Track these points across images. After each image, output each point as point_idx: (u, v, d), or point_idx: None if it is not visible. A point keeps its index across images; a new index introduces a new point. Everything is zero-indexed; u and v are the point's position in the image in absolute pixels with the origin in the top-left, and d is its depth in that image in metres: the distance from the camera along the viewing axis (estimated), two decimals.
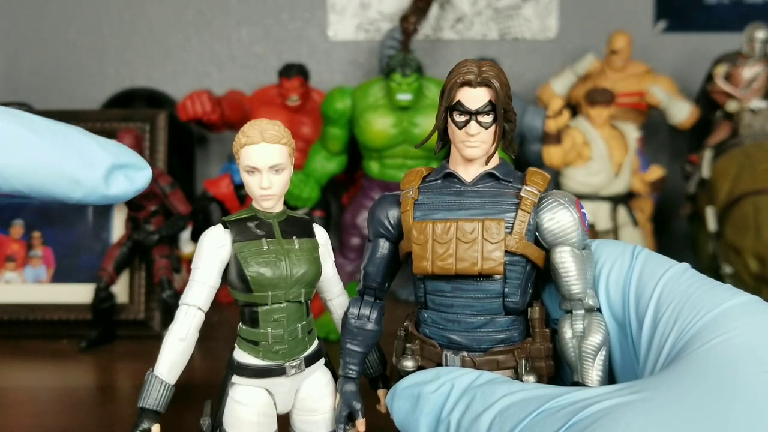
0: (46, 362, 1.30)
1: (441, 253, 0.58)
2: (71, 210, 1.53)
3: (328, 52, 2.04)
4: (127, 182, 0.40)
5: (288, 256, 0.64)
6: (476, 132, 0.59)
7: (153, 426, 0.60)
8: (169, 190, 1.39)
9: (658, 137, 2.03)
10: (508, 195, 0.60)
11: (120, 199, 0.40)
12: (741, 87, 1.64)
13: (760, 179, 1.47)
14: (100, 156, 0.39)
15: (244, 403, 0.64)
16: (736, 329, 0.48)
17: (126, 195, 0.40)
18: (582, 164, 1.59)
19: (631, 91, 1.80)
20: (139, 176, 0.41)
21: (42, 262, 1.51)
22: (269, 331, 0.64)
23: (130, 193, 0.40)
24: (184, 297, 0.63)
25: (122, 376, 1.25)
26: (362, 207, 1.57)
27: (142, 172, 0.41)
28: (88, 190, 0.38)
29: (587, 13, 2.03)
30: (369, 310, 0.66)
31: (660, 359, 0.52)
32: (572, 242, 0.59)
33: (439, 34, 2.03)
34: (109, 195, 0.39)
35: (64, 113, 1.57)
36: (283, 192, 0.66)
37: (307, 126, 1.73)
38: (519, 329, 0.61)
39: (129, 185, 0.40)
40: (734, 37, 1.79)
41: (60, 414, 1.02)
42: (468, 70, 0.59)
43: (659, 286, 0.55)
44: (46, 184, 0.38)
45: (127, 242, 1.41)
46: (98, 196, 0.39)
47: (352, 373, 0.66)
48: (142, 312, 1.45)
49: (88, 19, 2.03)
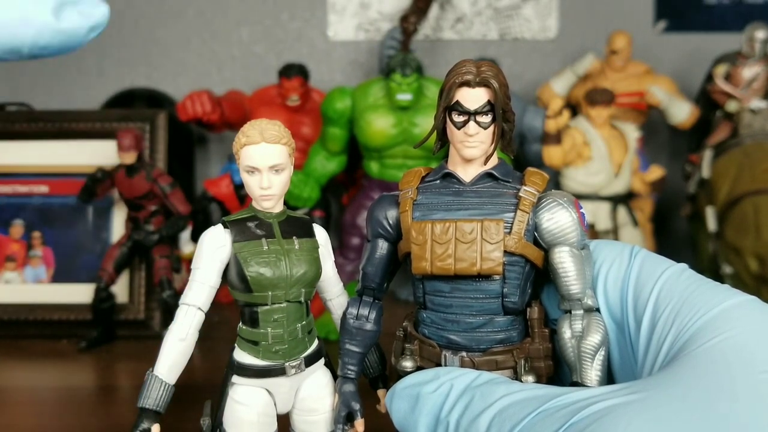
0: (46, 362, 1.30)
1: (440, 253, 0.59)
2: (71, 210, 1.53)
3: (328, 52, 2.04)
4: (79, 17, 0.37)
5: (288, 256, 0.64)
6: (475, 132, 0.59)
7: (153, 426, 0.60)
8: (169, 190, 1.39)
9: (658, 137, 2.03)
10: (507, 195, 0.60)
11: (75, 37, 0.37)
12: (741, 87, 1.64)
13: (760, 179, 1.47)
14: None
15: (244, 403, 0.64)
16: (734, 329, 0.48)
17: (80, 30, 0.37)
18: (582, 164, 1.59)
19: (631, 91, 1.80)
20: (94, 11, 0.38)
21: (42, 262, 1.51)
22: (269, 331, 0.64)
23: (84, 27, 0.37)
24: (184, 297, 0.63)
25: (122, 376, 1.25)
26: (362, 207, 1.57)
27: (98, 8, 0.38)
28: (38, 27, 0.35)
29: (587, 13, 2.03)
30: (368, 311, 0.66)
31: (658, 359, 0.52)
32: (571, 242, 0.59)
33: (439, 34, 2.03)
34: (61, 28, 0.36)
35: (64, 113, 1.57)
36: (283, 192, 0.66)
37: (307, 126, 1.73)
38: (518, 329, 0.61)
39: (83, 19, 0.37)
40: (734, 37, 1.79)
41: (60, 414, 1.03)
42: (467, 70, 0.59)
43: (657, 286, 0.55)
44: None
45: (127, 242, 1.41)
46: (50, 34, 0.36)
47: (350, 374, 0.66)
48: (142, 312, 1.45)
49: None
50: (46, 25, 0.35)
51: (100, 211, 1.54)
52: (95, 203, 1.50)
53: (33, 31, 0.35)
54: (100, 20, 0.38)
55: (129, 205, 1.42)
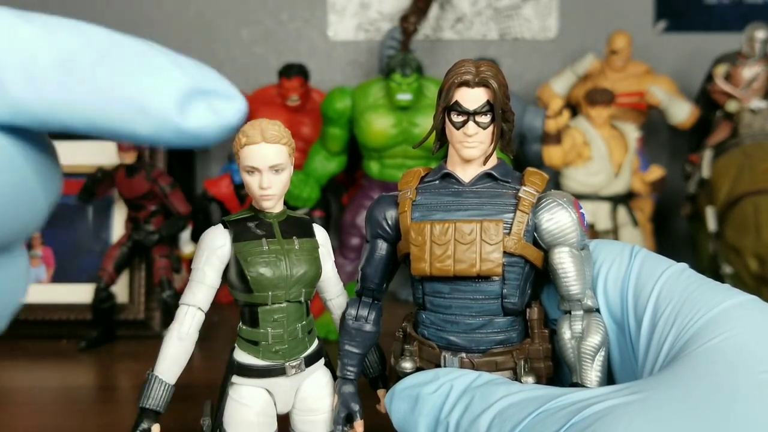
0: (46, 362, 1.30)
1: (439, 254, 0.58)
2: (71, 210, 1.53)
3: (328, 52, 2.04)
4: (209, 113, 0.29)
5: (288, 256, 0.64)
6: (474, 132, 0.59)
7: (153, 426, 0.60)
8: (169, 190, 1.39)
9: (658, 137, 2.03)
10: (507, 195, 0.60)
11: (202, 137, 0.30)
12: (741, 87, 1.64)
13: (760, 179, 1.47)
14: (172, 76, 0.29)
15: (244, 403, 0.64)
16: (734, 329, 0.48)
17: (209, 130, 0.30)
18: (582, 164, 1.59)
19: (631, 91, 1.80)
20: (227, 107, 0.30)
21: (42, 262, 1.51)
22: (269, 331, 0.64)
23: (214, 128, 0.30)
24: (184, 297, 0.63)
25: (122, 376, 1.25)
26: (362, 207, 1.57)
27: (231, 103, 0.30)
28: (157, 122, 0.28)
29: (587, 13, 2.03)
30: (367, 311, 0.66)
31: (659, 359, 0.52)
32: (571, 243, 0.59)
33: (439, 34, 2.03)
34: (187, 128, 0.29)
35: None
36: (283, 192, 0.66)
37: (307, 126, 1.73)
38: (518, 330, 0.61)
39: (213, 118, 0.29)
40: (734, 37, 1.79)
41: (60, 414, 1.03)
42: (466, 70, 0.59)
43: (657, 286, 0.55)
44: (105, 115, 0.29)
45: (127, 242, 1.41)
46: (172, 130, 0.29)
47: (350, 375, 0.66)
48: (142, 312, 1.45)
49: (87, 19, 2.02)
50: (167, 123, 0.28)
51: (100, 211, 1.54)
52: (95, 203, 1.50)
53: (150, 126, 0.28)
54: (231, 121, 0.30)
55: (129, 205, 1.42)
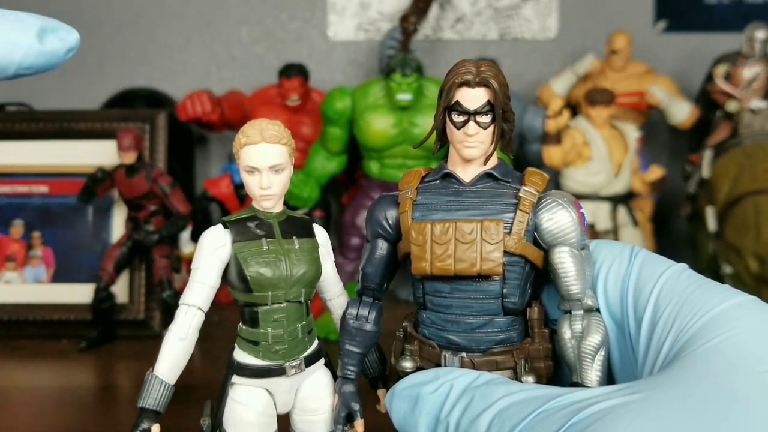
0: (46, 362, 1.30)
1: (440, 253, 0.58)
2: (71, 210, 1.53)
3: (328, 52, 2.04)
4: (59, 41, 0.46)
5: (288, 256, 0.64)
6: (475, 132, 0.59)
7: (153, 426, 0.60)
8: (169, 190, 1.39)
9: (658, 137, 2.03)
10: (507, 195, 0.60)
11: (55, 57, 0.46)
12: (741, 87, 1.64)
13: (760, 179, 1.47)
14: (29, 20, 0.46)
15: (244, 403, 0.64)
16: (734, 329, 0.48)
17: (60, 51, 0.46)
18: (582, 164, 1.59)
19: (631, 91, 1.80)
20: (70, 36, 0.47)
21: (42, 262, 1.51)
22: (269, 331, 0.64)
23: (62, 50, 0.47)
24: (184, 297, 0.63)
25: (122, 376, 1.25)
26: (362, 207, 1.57)
27: (72, 34, 0.48)
28: (25, 49, 0.44)
29: (587, 13, 2.03)
30: (367, 311, 0.66)
31: (659, 359, 0.52)
32: (571, 242, 0.59)
33: (439, 34, 2.03)
34: (45, 50, 0.45)
35: (64, 113, 1.57)
36: (283, 192, 0.66)
37: (307, 126, 1.73)
38: (518, 330, 0.61)
39: (61, 43, 0.46)
40: (734, 37, 1.79)
41: (60, 414, 1.03)
42: (466, 70, 0.59)
43: (657, 286, 0.55)
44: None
45: (127, 242, 1.41)
46: (35, 55, 0.45)
47: (350, 374, 0.65)
48: (142, 312, 1.45)
49: (88, 19, 2.03)
50: (32, 48, 0.45)
51: (100, 211, 1.54)
52: (95, 203, 1.50)
53: (21, 52, 0.44)
54: (74, 44, 0.48)
55: (129, 205, 1.42)
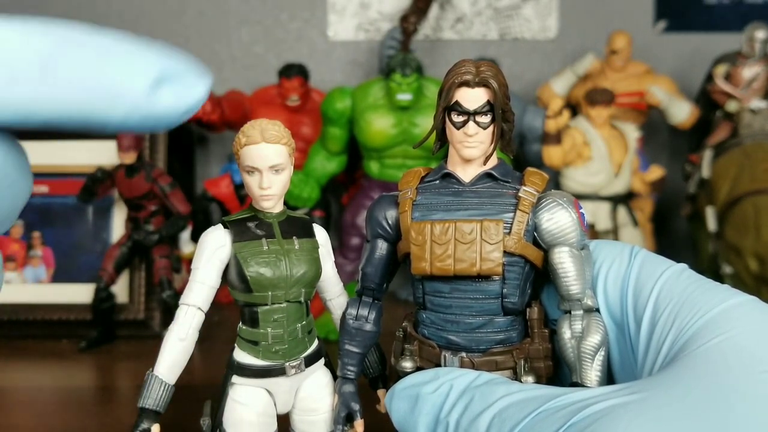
0: (46, 362, 1.30)
1: (439, 254, 0.58)
2: (71, 210, 1.53)
3: (328, 52, 2.04)
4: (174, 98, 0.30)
5: (288, 257, 0.64)
6: (474, 132, 0.59)
7: (153, 426, 0.60)
8: (169, 190, 1.39)
9: (658, 137, 2.03)
10: (507, 195, 0.60)
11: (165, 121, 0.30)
12: (741, 87, 1.64)
13: (760, 179, 1.47)
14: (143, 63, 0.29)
15: (244, 403, 0.64)
16: (734, 329, 0.48)
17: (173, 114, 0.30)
18: (582, 164, 1.59)
19: (631, 91, 1.80)
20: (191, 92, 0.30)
21: (42, 262, 1.51)
22: (269, 331, 0.64)
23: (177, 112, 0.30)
24: (184, 297, 0.63)
25: (122, 376, 1.25)
26: (362, 207, 1.57)
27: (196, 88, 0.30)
28: (129, 107, 0.29)
29: (587, 13, 2.03)
30: (367, 311, 0.66)
31: (658, 359, 0.52)
32: (571, 242, 0.59)
33: (439, 34, 2.03)
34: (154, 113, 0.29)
35: None
36: (283, 192, 0.66)
37: (307, 126, 1.73)
38: (518, 330, 0.61)
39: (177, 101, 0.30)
40: (734, 37, 1.79)
41: (60, 414, 1.03)
42: (466, 70, 0.59)
43: (657, 286, 0.55)
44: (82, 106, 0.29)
45: (127, 242, 1.41)
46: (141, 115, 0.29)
47: (350, 374, 0.66)
48: (142, 312, 1.45)
49: (87, 19, 2.03)
50: (138, 108, 0.29)
51: (100, 211, 1.54)
52: (95, 203, 1.50)
53: (123, 111, 0.29)
54: (193, 105, 0.30)
55: (129, 205, 1.42)
